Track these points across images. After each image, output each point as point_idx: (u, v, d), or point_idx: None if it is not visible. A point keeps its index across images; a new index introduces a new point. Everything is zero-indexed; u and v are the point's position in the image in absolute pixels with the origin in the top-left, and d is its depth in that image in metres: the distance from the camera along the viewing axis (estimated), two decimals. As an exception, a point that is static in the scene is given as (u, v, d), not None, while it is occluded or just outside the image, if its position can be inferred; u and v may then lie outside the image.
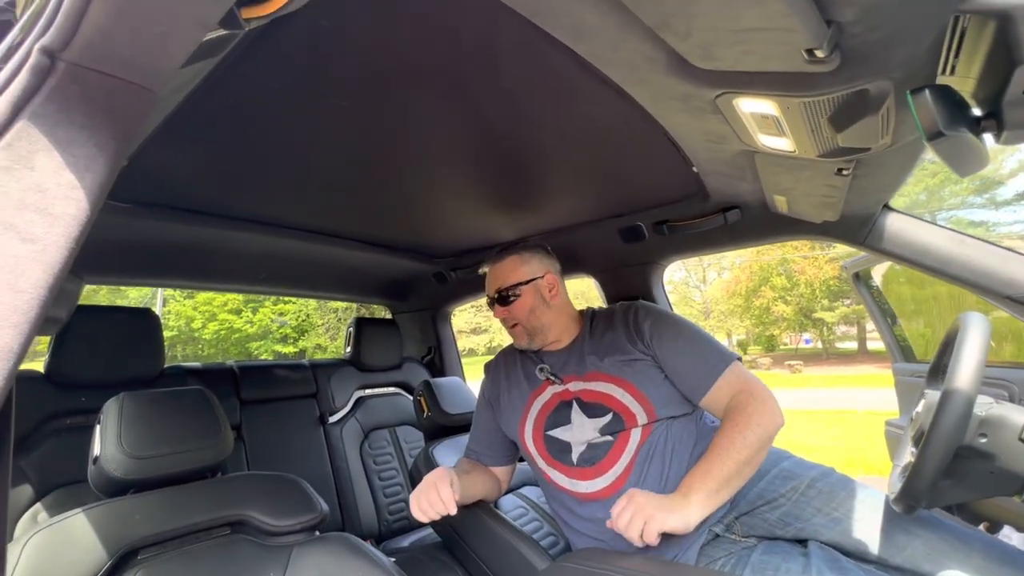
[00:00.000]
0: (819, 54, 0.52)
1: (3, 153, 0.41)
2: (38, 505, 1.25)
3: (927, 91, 0.54)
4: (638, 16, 0.54)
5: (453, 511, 1.07)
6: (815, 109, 0.66)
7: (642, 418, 1.14)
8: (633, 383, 1.17)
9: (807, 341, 24.66)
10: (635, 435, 1.14)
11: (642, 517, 0.95)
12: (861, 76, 0.58)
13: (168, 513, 0.89)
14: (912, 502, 0.84)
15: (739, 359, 1.17)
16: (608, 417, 1.16)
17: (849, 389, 12.54)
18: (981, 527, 1.75)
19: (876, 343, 21.85)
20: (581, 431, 1.18)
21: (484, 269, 1.38)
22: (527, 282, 1.29)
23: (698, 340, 1.19)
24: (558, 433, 1.21)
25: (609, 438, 1.15)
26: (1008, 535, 1.64)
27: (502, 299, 1.30)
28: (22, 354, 0.42)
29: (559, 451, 1.21)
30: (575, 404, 1.21)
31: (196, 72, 0.70)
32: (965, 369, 0.78)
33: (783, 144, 0.83)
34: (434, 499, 1.07)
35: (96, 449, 0.88)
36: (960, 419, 0.76)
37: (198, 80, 0.74)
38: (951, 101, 0.56)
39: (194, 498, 0.93)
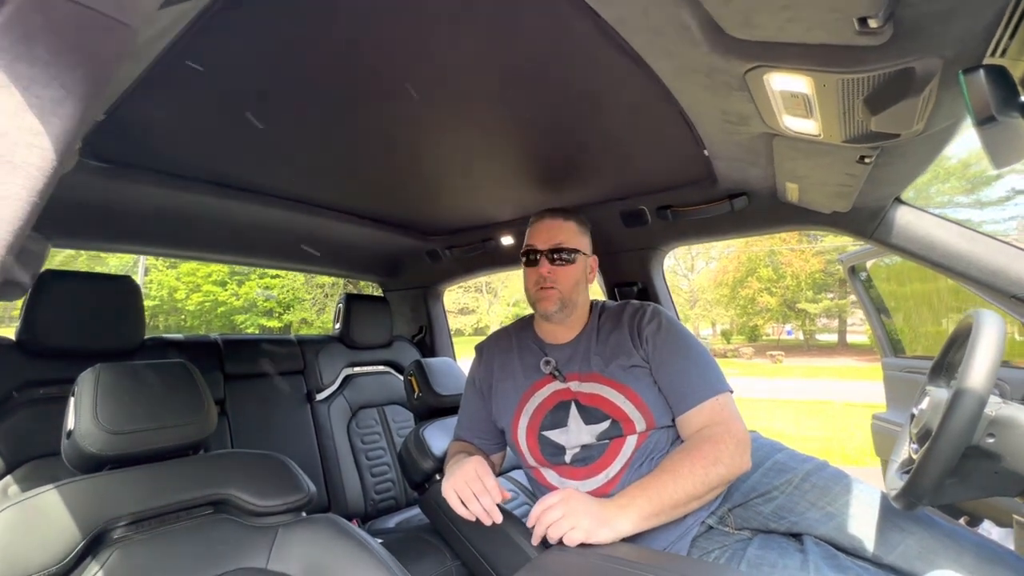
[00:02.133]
0: (872, 24, 0.48)
1: (-49, 88, 0.35)
2: (8, 478, 1.20)
3: (981, 71, 0.50)
4: (678, -27, 0.49)
5: (498, 517, 1.02)
6: (853, 88, 0.62)
7: (640, 425, 1.11)
8: (635, 390, 1.13)
9: (789, 332, 25.09)
10: (631, 441, 1.11)
11: (570, 522, 0.92)
12: (910, 52, 0.54)
13: (146, 491, 0.85)
14: (914, 500, 0.83)
15: (731, 391, 1.12)
16: (606, 424, 1.13)
17: (828, 380, 12.81)
18: (962, 521, 1.79)
19: (855, 336, 22.34)
20: (577, 436, 1.15)
21: (536, 220, 1.27)
22: (583, 252, 1.24)
23: (696, 359, 1.14)
24: (553, 435, 1.17)
25: (605, 441, 1.13)
26: (988, 530, 1.68)
27: (556, 256, 1.20)
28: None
29: (552, 452, 1.17)
30: (574, 406, 1.16)
31: (180, 14, 0.63)
32: (979, 368, 0.76)
33: (808, 127, 0.79)
34: (480, 489, 1.03)
35: (70, 423, 0.83)
36: (972, 419, 0.75)
37: (182, 25, 0.67)
38: (1004, 84, 0.52)
39: (174, 476, 0.89)
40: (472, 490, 1.04)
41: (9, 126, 0.38)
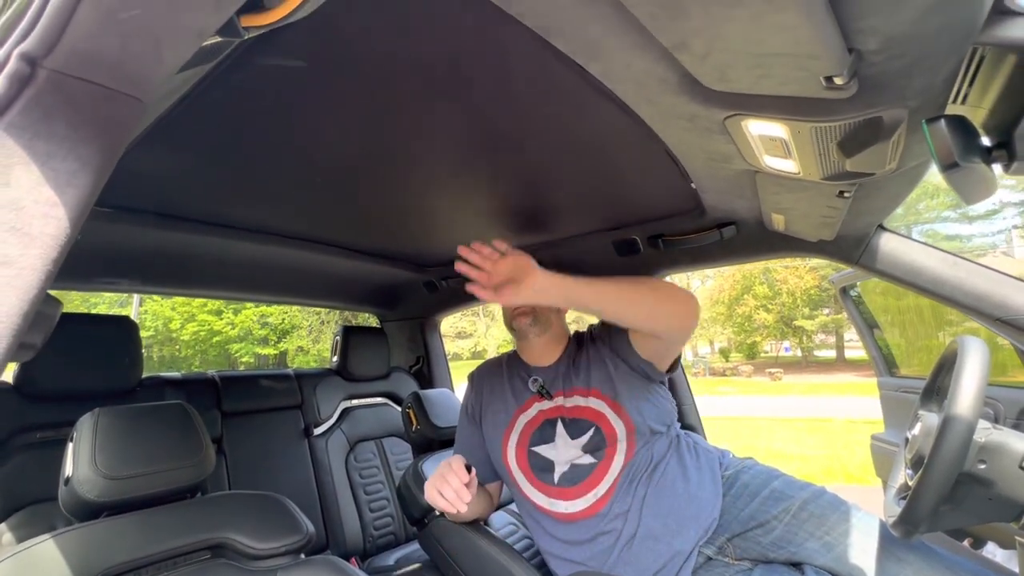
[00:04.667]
0: (838, 81, 0.51)
1: (-25, 168, 0.37)
2: (3, 526, 1.18)
3: (943, 121, 0.54)
4: (656, 36, 0.52)
5: (466, 496, 1.08)
6: (826, 134, 0.65)
7: (621, 430, 1.15)
8: (609, 394, 1.19)
9: (787, 349, 25.07)
10: (618, 458, 1.13)
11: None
12: (876, 104, 0.57)
13: (144, 537, 0.84)
14: (911, 527, 0.83)
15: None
16: (590, 432, 1.16)
17: (828, 397, 12.76)
18: (965, 543, 1.78)
19: (854, 352, 22.34)
20: (565, 451, 1.18)
21: None
22: None
23: None
24: (542, 450, 1.21)
25: (592, 459, 1.15)
26: (992, 552, 1.67)
27: None
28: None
29: (541, 469, 1.20)
30: (560, 423, 1.22)
31: (187, 78, 0.66)
32: (966, 396, 0.78)
33: (788, 166, 0.82)
34: (448, 471, 1.10)
35: (68, 469, 0.83)
36: (961, 447, 0.76)
37: (188, 86, 0.70)
38: (965, 131, 0.55)
39: (172, 521, 0.88)
40: (444, 476, 1.10)
41: (27, 200, 0.40)
